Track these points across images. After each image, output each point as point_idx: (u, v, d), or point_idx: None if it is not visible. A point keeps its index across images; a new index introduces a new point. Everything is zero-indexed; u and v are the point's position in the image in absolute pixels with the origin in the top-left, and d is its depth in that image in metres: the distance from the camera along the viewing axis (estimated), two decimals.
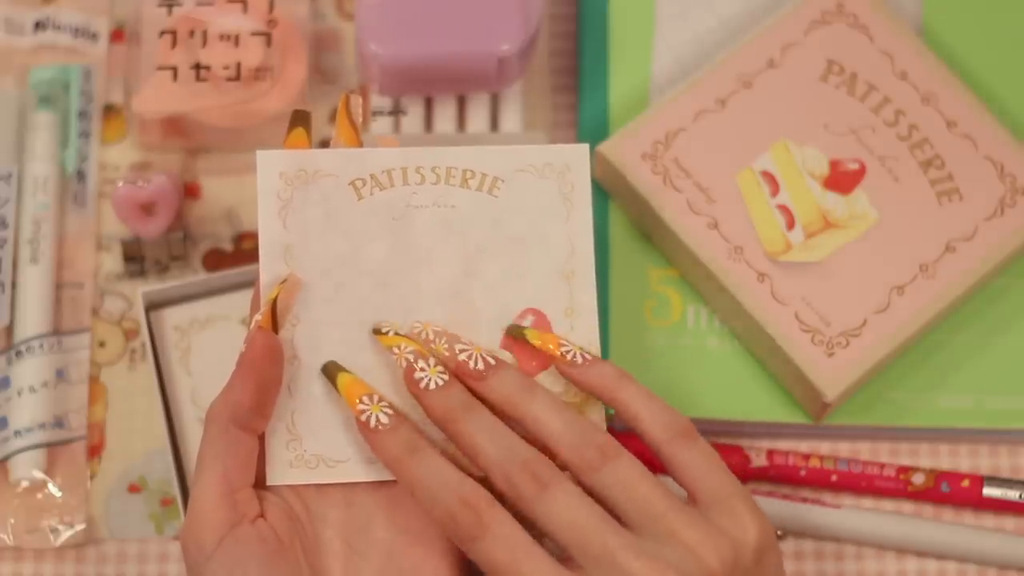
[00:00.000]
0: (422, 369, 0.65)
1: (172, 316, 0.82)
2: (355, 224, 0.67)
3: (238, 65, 0.83)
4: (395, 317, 0.67)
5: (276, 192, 0.67)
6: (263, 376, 0.65)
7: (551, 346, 0.67)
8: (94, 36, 0.87)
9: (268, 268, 0.67)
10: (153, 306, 0.82)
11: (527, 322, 0.68)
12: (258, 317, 0.65)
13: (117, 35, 0.87)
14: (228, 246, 0.84)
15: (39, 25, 0.87)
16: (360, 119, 0.69)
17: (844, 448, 0.82)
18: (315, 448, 0.66)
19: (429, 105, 0.85)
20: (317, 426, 0.67)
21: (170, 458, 0.79)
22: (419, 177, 0.68)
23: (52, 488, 0.80)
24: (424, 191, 0.68)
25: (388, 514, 0.66)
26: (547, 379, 0.68)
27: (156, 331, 0.82)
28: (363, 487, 0.67)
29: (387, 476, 0.66)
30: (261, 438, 0.67)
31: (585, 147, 0.69)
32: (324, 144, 0.86)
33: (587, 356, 0.67)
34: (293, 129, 0.68)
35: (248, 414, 0.65)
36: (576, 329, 0.68)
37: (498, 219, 0.68)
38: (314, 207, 0.67)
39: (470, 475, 0.64)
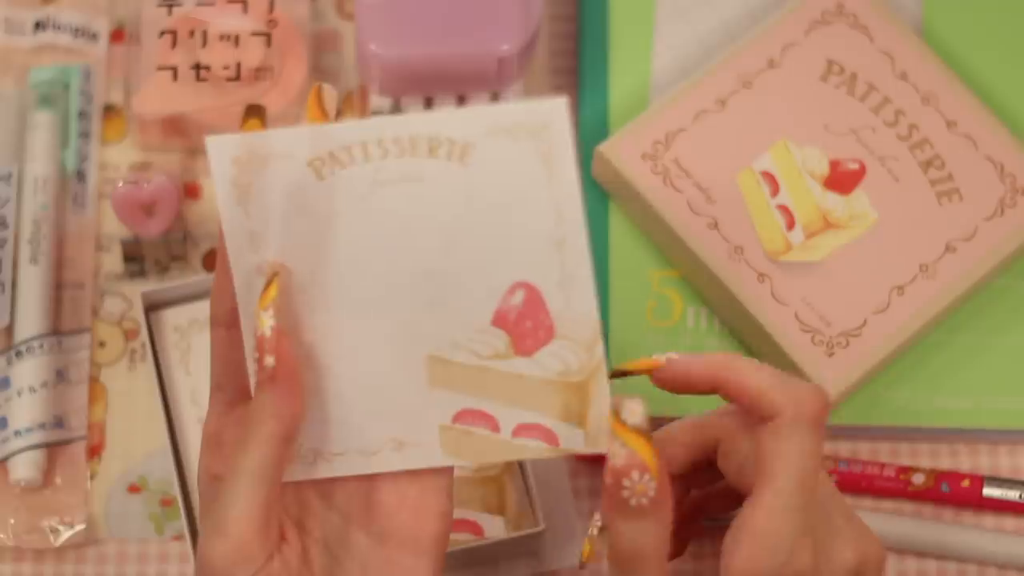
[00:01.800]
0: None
1: (172, 316, 0.82)
2: (319, 206, 0.63)
3: (238, 65, 0.83)
4: (376, 300, 0.64)
5: (232, 179, 0.63)
6: (301, 382, 0.63)
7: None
8: (94, 36, 0.87)
9: (238, 259, 0.64)
10: (153, 306, 0.82)
11: (517, 298, 0.64)
12: (271, 323, 0.61)
13: (117, 35, 0.87)
14: None
15: (39, 25, 0.87)
16: (334, 110, 0.64)
17: (844, 448, 0.82)
18: (311, 442, 0.64)
19: (429, 105, 0.85)
20: (310, 420, 0.64)
21: (170, 458, 0.79)
22: (381, 151, 0.63)
23: (52, 488, 0.80)
24: (389, 165, 0.63)
25: (364, 520, 0.64)
26: (550, 353, 0.64)
27: (156, 331, 0.82)
28: (339, 494, 0.64)
29: (385, 468, 0.64)
30: None
31: (562, 101, 0.61)
32: None
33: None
34: (247, 121, 0.65)
35: (299, 426, 0.62)
36: (571, 301, 0.63)
37: (473, 189, 0.62)
38: (274, 191, 0.63)
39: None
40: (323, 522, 0.64)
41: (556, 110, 0.61)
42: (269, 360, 0.61)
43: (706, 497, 0.70)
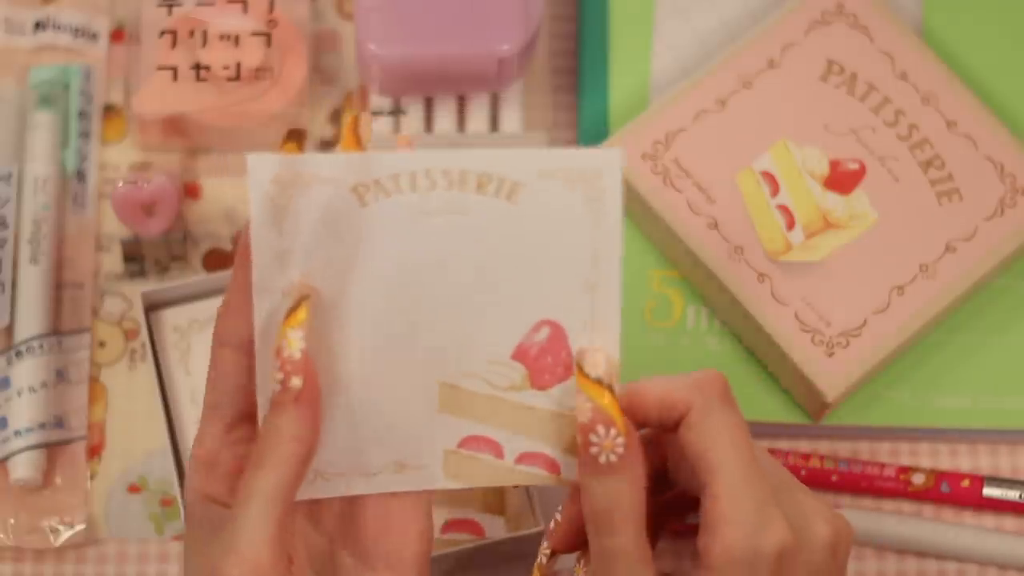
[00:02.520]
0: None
1: (172, 316, 0.82)
2: (359, 232, 0.63)
3: (238, 65, 0.83)
4: (399, 327, 0.64)
5: (270, 197, 0.62)
6: (320, 404, 0.62)
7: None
8: (94, 36, 0.87)
9: (264, 278, 0.63)
10: (153, 306, 0.82)
11: (542, 334, 0.64)
12: (301, 345, 0.60)
13: (117, 35, 0.87)
14: (228, 246, 0.84)
15: (39, 25, 0.87)
16: (369, 140, 0.63)
17: (844, 448, 0.82)
18: (313, 462, 0.65)
19: (429, 105, 0.85)
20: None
21: (170, 458, 0.79)
22: (429, 182, 0.63)
23: (52, 488, 0.80)
24: (435, 197, 0.63)
25: (348, 541, 0.63)
26: (564, 389, 0.64)
27: (156, 331, 0.82)
28: (326, 515, 0.64)
29: (385, 489, 0.64)
30: None
31: (617, 152, 0.63)
32: (322, 149, 0.86)
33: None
34: (286, 144, 0.64)
35: (316, 448, 0.61)
36: (595, 343, 0.63)
37: (516, 227, 0.63)
38: (312, 214, 0.63)
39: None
40: (310, 543, 0.63)
41: (611, 159, 0.62)
42: (296, 382, 0.60)
43: (663, 504, 0.69)
